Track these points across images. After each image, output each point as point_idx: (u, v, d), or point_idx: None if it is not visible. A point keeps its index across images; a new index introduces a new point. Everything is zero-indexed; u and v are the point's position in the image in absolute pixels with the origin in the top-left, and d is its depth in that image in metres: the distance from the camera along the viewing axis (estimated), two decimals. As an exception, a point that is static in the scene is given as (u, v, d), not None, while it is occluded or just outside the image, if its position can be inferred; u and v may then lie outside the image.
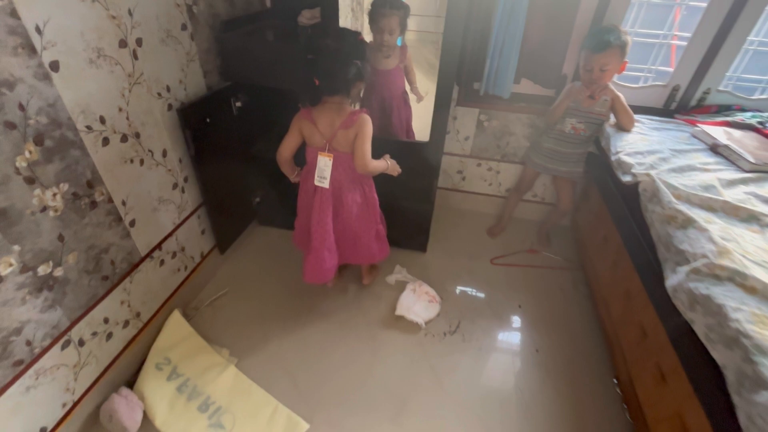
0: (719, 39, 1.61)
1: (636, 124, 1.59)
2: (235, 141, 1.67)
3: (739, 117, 1.63)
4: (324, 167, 1.31)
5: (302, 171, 1.42)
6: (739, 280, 0.86)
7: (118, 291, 1.23)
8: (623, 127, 1.58)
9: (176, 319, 1.45)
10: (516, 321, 1.63)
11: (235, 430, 1.22)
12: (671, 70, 1.75)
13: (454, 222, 2.17)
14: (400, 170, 1.44)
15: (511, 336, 1.57)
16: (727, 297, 0.83)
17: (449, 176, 2.19)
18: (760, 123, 1.57)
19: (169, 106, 1.33)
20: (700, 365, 0.87)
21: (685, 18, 1.73)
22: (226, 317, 1.58)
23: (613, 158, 1.45)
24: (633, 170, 1.30)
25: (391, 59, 1.73)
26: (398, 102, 1.86)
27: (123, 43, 1.11)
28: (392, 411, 1.30)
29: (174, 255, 1.47)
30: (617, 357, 1.38)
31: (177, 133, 1.38)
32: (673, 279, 0.97)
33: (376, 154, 1.31)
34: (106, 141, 1.10)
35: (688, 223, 1.01)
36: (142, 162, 1.25)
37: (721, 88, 1.73)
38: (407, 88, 1.85)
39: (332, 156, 1.29)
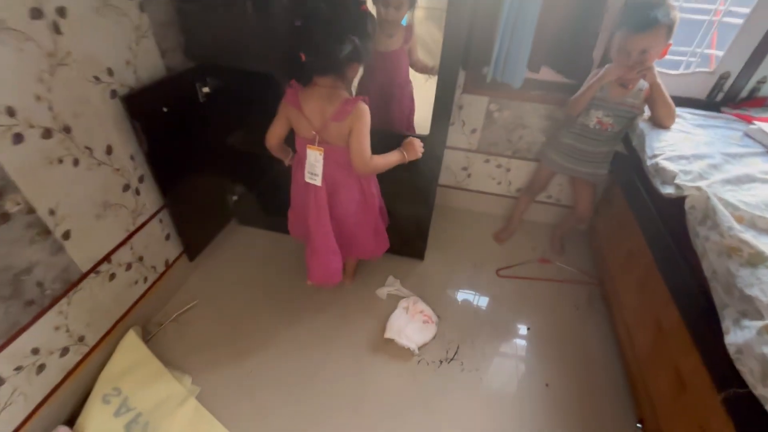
0: (785, 16, 1.32)
1: (676, 119, 1.33)
2: (204, 132, 1.44)
3: (802, 112, 1.36)
4: (314, 162, 1.10)
5: (293, 158, 1.23)
6: (836, 349, 0.63)
7: (51, 316, 1.03)
8: (661, 123, 1.31)
9: (131, 340, 1.27)
10: (523, 347, 1.42)
11: (189, 479, 1.04)
12: (719, 53, 1.47)
13: (456, 224, 1.94)
14: (421, 150, 1.22)
15: (518, 366, 1.36)
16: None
17: (453, 173, 1.95)
18: (828, 120, 1.30)
19: (113, 93, 1.10)
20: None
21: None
22: (192, 335, 1.39)
23: (649, 162, 1.20)
24: (677, 180, 1.05)
25: (394, 39, 1.46)
26: (400, 90, 1.60)
27: (36, 13, 0.87)
28: (375, 459, 1.12)
29: (129, 267, 1.27)
30: (641, 398, 1.17)
31: (126, 126, 1.16)
32: (737, 335, 0.74)
33: (372, 149, 1.08)
34: (18, 138, 0.88)
35: (760, 260, 0.78)
36: (76, 162, 1.03)
37: (779, 76, 1.45)
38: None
39: (323, 150, 1.07)
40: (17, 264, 0.93)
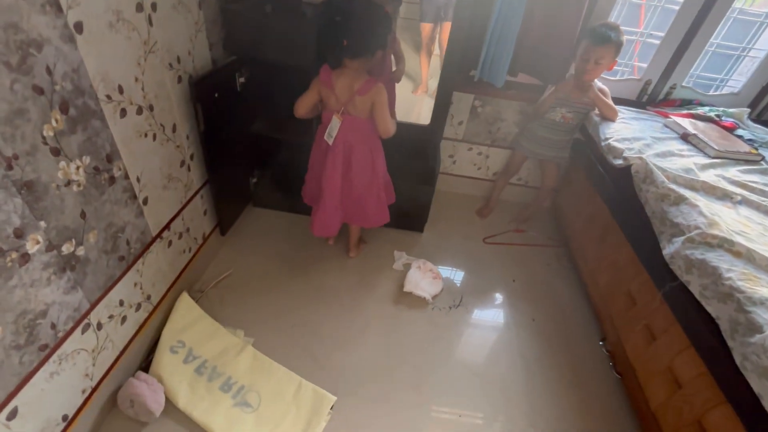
0: (687, 39, 1.81)
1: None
2: (238, 118, 1.61)
3: (701, 110, 1.86)
4: (333, 126, 1.37)
5: (318, 129, 1.48)
6: (727, 246, 1.02)
7: (132, 273, 1.17)
8: (606, 117, 1.73)
9: (186, 301, 1.41)
10: (512, 294, 1.77)
11: (261, 407, 1.22)
12: (643, 65, 1.94)
13: (445, 205, 2.26)
14: None
15: (510, 307, 1.70)
16: (719, 260, 0.99)
17: (441, 160, 2.26)
18: (717, 116, 1.80)
19: (179, 79, 1.26)
20: (695, 320, 1.03)
21: (651, 18, 1.92)
22: (233, 299, 1.56)
23: (603, 144, 1.60)
24: (624, 155, 1.45)
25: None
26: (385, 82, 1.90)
27: (140, 7, 1.03)
28: (413, 380, 1.38)
29: (180, 236, 1.42)
30: (605, 322, 1.55)
31: (185, 108, 1.31)
32: (669, 248, 1.12)
33: None
34: (123, 112, 1.03)
35: (681, 200, 1.17)
36: (155, 137, 1.18)
37: (684, 84, 1.95)
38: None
39: (342, 119, 1.35)
40: (117, 222, 1.07)
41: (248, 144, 1.75)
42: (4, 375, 0.81)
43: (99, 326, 1.07)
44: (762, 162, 1.48)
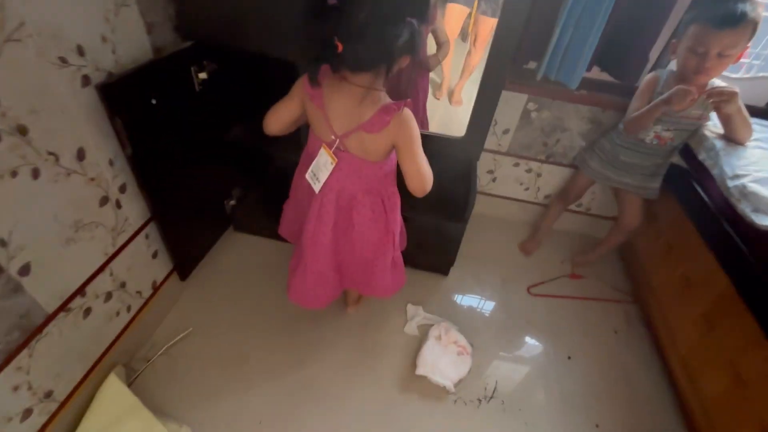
0: None
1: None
2: (200, 127, 1.18)
3: None
4: (322, 166, 0.88)
5: (302, 154, 0.98)
6: None
7: (6, 375, 0.79)
8: (739, 142, 1.16)
9: (113, 386, 1.03)
10: (567, 381, 1.28)
11: None
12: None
13: (479, 232, 1.76)
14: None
15: (564, 403, 1.22)
16: None
17: (478, 177, 1.76)
18: None
19: (85, 80, 0.83)
20: None
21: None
22: (186, 371, 1.17)
23: (731, 184, 1.05)
24: (779, 211, 0.90)
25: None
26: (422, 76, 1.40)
27: (-29, -36, 0.60)
28: None
29: (108, 296, 1.03)
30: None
31: (104, 122, 0.89)
32: None
33: None
34: (-51, 146, 0.62)
35: None
36: (36, 173, 0.77)
37: None
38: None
39: (336, 161, 0.86)
40: (-45, 318, 0.68)
41: (220, 159, 1.33)
42: None
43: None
44: None
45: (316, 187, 0.91)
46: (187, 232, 1.27)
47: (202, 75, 1.11)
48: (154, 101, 0.96)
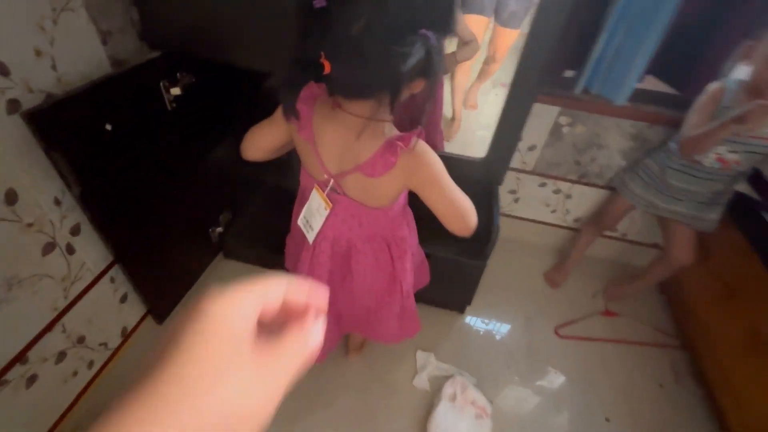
0: None
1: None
2: (173, 153, 1.01)
3: None
4: (315, 211, 0.71)
5: (299, 188, 0.79)
6: None
7: None
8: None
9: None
10: (605, 449, 1.09)
11: None
12: None
13: (500, 259, 1.54)
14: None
15: (603, 481, 1.03)
16: None
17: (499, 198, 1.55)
18: None
19: (12, 105, 0.66)
20: None
21: None
22: None
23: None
24: None
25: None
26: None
27: None
28: None
29: (61, 356, 0.87)
30: None
31: (42, 155, 0.72)
32: None
33: None
34: None
35: None
36: (-58, 228, 0.60)
37: None
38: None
39: (331, 207, 0.68)
40: None
41: (200, 185, 1.16)
42: None
43: None
44: None
45: (310, 237, 0.73)
46: (162, 270, 1.11)
47: (175, 90, 0.94)
48: (109, 127, 0.79)
